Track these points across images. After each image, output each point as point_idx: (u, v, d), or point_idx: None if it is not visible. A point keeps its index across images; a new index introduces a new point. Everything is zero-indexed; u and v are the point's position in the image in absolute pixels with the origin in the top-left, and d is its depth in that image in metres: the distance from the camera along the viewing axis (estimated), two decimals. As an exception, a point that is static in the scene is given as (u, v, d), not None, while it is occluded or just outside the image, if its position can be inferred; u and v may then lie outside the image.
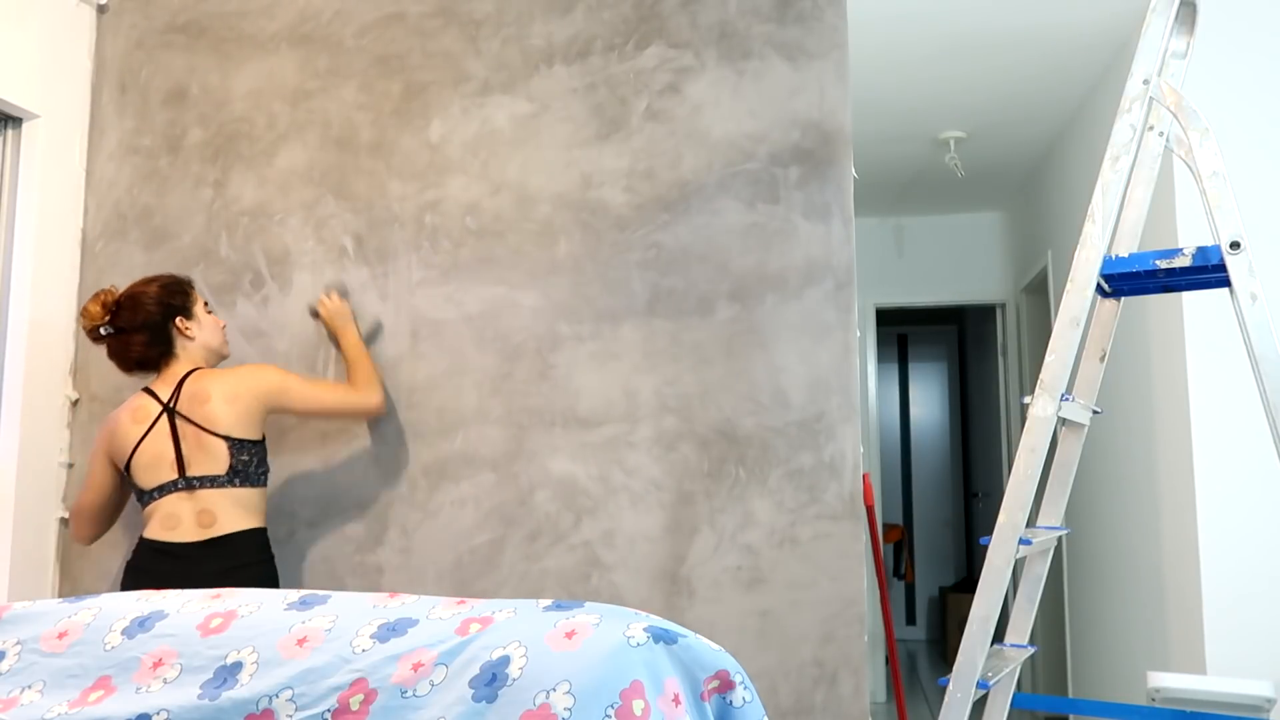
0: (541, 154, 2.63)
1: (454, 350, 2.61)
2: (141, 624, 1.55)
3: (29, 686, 1.53)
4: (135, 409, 2.34)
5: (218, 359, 2.45)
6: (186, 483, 2.28)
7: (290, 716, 1.36)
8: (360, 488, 2.61)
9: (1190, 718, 2.20)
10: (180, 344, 2.36)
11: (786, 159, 2.53)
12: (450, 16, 2.72)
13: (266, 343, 2.69)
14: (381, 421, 2.61)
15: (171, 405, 2.31)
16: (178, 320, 2.36)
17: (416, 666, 1.36)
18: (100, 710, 1.45)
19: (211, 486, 2.28)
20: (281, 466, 2.62)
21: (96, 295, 2.35)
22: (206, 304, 2.46)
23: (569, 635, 1.34)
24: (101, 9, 2.92)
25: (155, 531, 2.28)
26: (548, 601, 1.47)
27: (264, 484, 2.37)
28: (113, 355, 2.37)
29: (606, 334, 2.55)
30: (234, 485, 2.30)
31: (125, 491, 2.42)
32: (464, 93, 2.69)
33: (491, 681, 1.30)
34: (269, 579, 2.33)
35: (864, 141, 4.33)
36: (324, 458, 2.64)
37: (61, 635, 1.58)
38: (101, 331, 2.33)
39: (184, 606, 1.58)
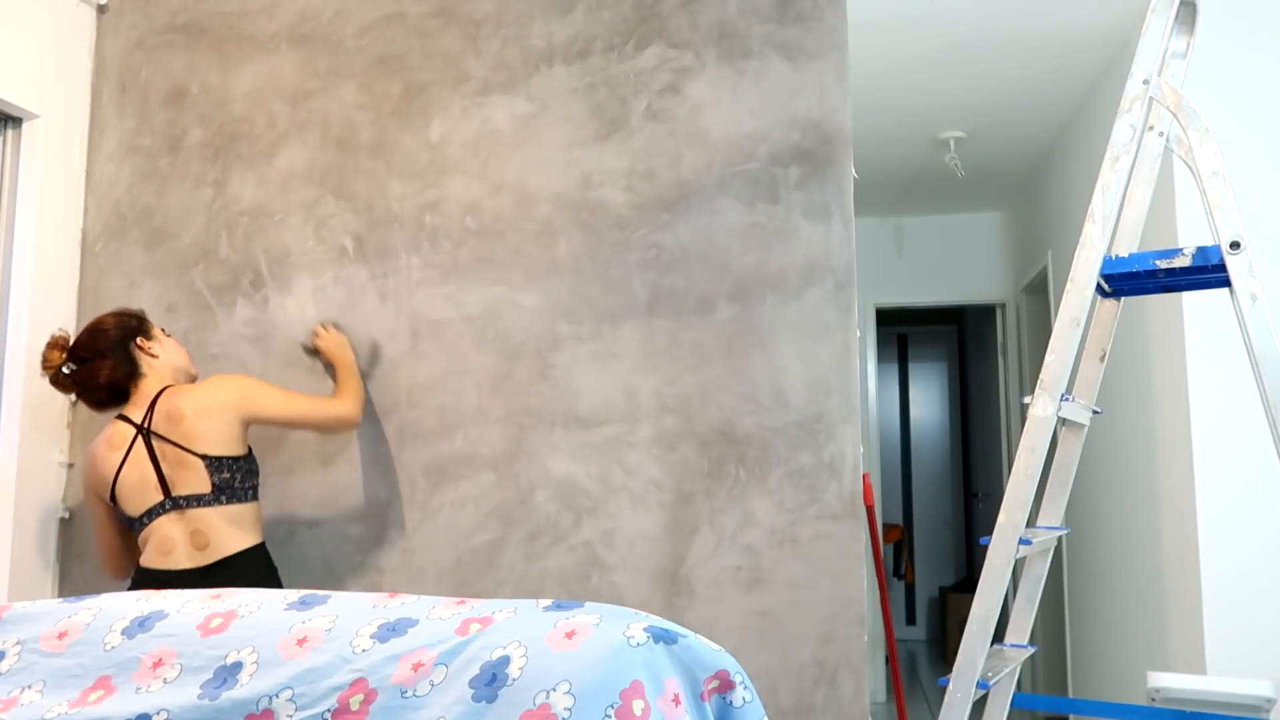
0: (541, 154, 2.63)
1: (454, 350, 2.61)
2: (141, 624, 1.55)
3: (29, 686, 1.53)
4: (110, 436, 2.29)
5: (188, 378, 2.41)
6: (174, 503, 2.24)
7: (290, 716, 1.36)
8: (360, 488, 2.61)
9: (1190, 718, 2.20)
10: (146, 363, 2.32)
11: (786, 159, 2.53)
12: (450, 16, 2.72)
13: (266, 343, 2.69)
14: (382, 421, 2.61)
15: (146, 426, 2.26)
16: (138, 340, 2.32)
17: (416, 666, 1.36)
18: (100, 710, 1.45)
19: (200, 505, 2.23)
20: (281, 467, 2.62)
21: (50, 341, 2.31)
22: (164, 330, 2.44)
23: (569, 635, 1.34)
24: (101, 9, 2.91)
25: (151, 559, 2.24)
26: (548, 601, 1.47)
27: (254, 498, 2.31)
28: (82, 393, 2.31)
29: (606, 334, 2.55)
30: (221, 503, 2.24)
31: None
32: (464, 93, 2.69)
33: (491, 681, 1.30)
34: None
35: (864, 141, 4.33)
36: (324, 458, 2.64)
37: (61, 635, 1.58)
38: (65, 371, 2.28)
39: (184, 606, 1.58)
